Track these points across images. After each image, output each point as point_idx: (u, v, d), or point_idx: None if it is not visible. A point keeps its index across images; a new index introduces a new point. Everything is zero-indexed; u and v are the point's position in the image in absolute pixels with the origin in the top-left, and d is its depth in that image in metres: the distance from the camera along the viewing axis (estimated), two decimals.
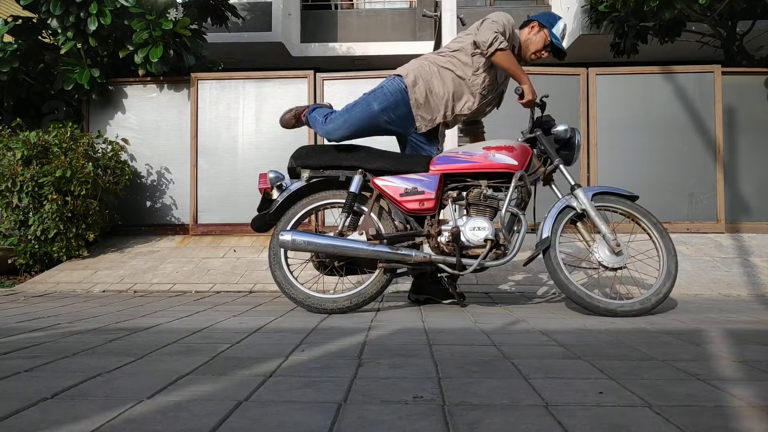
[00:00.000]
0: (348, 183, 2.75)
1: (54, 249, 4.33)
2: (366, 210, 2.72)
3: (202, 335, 2.04)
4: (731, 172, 4.92)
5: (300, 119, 3.02)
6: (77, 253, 4.47)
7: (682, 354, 1.71)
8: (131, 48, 4.95)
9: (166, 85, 5.27)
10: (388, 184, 2.70)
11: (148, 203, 5.24)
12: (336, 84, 5.16)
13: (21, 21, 5.42)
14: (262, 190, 2.79)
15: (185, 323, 2.35)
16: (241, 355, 1.69)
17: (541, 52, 2.89)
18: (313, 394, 1.27)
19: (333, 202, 2.80)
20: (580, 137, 2.78)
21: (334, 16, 11.14)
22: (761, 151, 4.94)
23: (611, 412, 1.15)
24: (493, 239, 2.57)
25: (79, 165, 4.28)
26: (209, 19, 6.29)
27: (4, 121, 5.17)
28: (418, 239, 2.69)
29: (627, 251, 2.60)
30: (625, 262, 2.59)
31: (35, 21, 5.44)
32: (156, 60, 4.81)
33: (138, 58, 4.87)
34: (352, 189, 2.71)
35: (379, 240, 2.64)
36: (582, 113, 4.96)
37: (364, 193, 2.77)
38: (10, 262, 4.34)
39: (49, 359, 1.63)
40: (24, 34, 5.37)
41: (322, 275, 2.80)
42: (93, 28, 4.73)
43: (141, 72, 4.99)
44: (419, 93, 2.79)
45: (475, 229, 2.58)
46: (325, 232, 2.76)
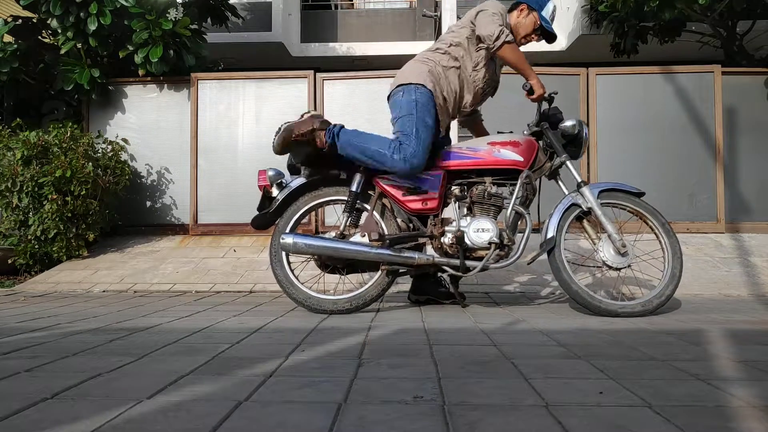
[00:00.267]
0: (350, 179, 2.70)
1: (54, 249, 4.33)
2: (369, 208, 2.67)
3: (202, 335, 2.04)
4: (731, 172, 4.92)
5: (316, 142, 2.60)
6: (77, 253, 4.47)
7: (682, 354, 1.71)
8: (131, 48, 4.95)
9: (166, 85, 5.27)
10: (391, 183, 2.66)
11: (148, 203, 5.24)
12: (336, 84, 5.16)
13: (21, 21, 5.43)
14: (261, 187, 2.75)
15: (185, 323, 2.35)
16: (241, 355, 1.69)
17: (531, 36, 2.80)
18: (313, 394, 1.27)
19: (335, 199, 2.76)
20: (587, 131, 2.73)
21: (334, 16, 11.14)
22: (761, 151, 4.94)
23: (611, 412, 1.15)
24: (497, 241, 2.54)
25: (79, 165, 4.28)
26: (209, 19, 6.30)
27: (4, 121, 5.17)
28: (421, 240, 2.66)
29: (632, 252, 2.57)
30: (630, 263, 2.56)
31: (35, 21, 5.45)
32: (156, 60, 4.81)
33: (138, 58, 4.87)
34: (353, 188, 2.66)
35: (382, 242, 2.61)
36: (582, 113, 4.95)
37: (368, 191, 2.73)
38: (10, 262, 4.34)
39: (49, 359, 1.63)
40: (24, 34, 5.38)
41: (324, 274, 2.79)
42: (93, 28, 4.74)
43: (141, 72, 4.99)
44: (440, 98, 2.71)
45: (479, 231, 2.56)
46: (326, 231, 2.75)
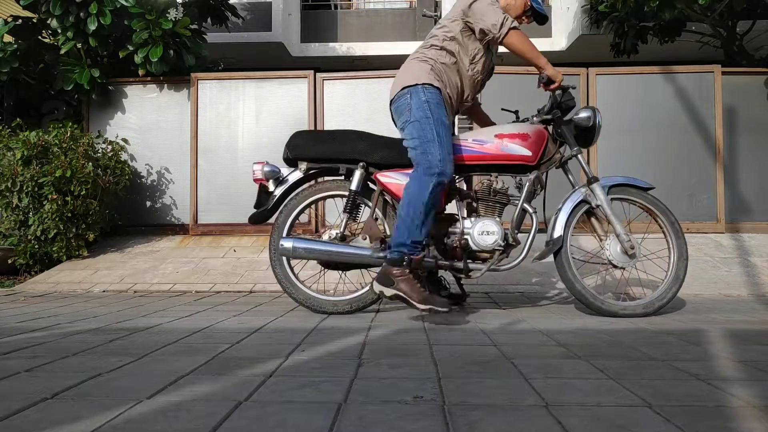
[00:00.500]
0: (349, 174, 2.62)
1: (54, 249, 4.33)
2: (371, 205, 2.59)
3: (202, 335, 2.04)
4: (731, 172, 4.92)
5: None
6: (77, 253, 4.47)
7: (682, 354, 1.71)
8: (131, 48, 4.95)
9: (166, 85, 5.27)
10: (393, 181, 2.55)
11: (148, 203, 5.24)
12: (336, 84, 5.16)
13: (21, 21, 5.43)
14: (257, 181, 2.69)
15: (185, 323, 2.35)
16: (241, 355, 1.69)
17: (522, 18, 2.66)
18: (313, 394, 1.27)
19: (334, 194, 2.69)
20: (600, 117, 2.60)
21: (334, 16, 11.13)
22: (761, 151, 4.94)
23: (611, 412, 1.15)
24: (501, 245, 2.48)
25: (79, 165, 4.28)
26: (209, 19, 6.29)
27: (4, 121, 5.17)
28: (424, 241, 2.57)
29: (640, 254, 2.52)
30: (635, 264, 2.53)
31: (35, 21, 5.45)
32: (156, 60, 4.81)
33: (138, 58, 4.87)
34: (353, 187, 2.58)
35: (383, 245, 2.53)
36: None
37: (370, 186, 2.64)
38: (10, 262, 4.34)
39: (49, 359, 1.63)
40: (24, 34, 5.38)
41: (324, 272, 2.78)
42: (93, 28, 4.74)
43: (141, 72, 4.99)
44: (446, 96, 2.62)
45: (484, 233, 2.49)
46: (326, 229, 2.71)
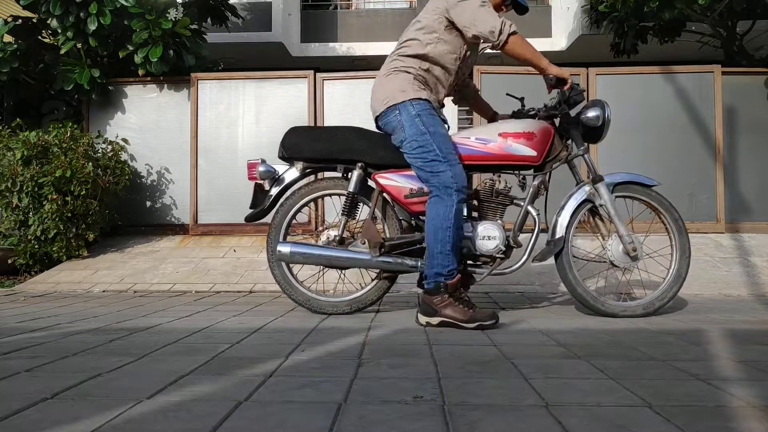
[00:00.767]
0: (347, 171, 2.59)
1: (54, 249, 4.33)
2: (370, 205, 2.57)
3: (202, 335, 2.04)
4: (731, 172, 4.92)
5: None
6: (77, 253, 4.47)
7: (682, 354, 1.71)
8: (131, 48, 4.95)
9: (166, 85, 5.27)
10: (392, 183, 2.51)
11: (148, 203, 5.24)
12: (336, 84, 5.16)
13: (21, 21, 5.43)
14: (253, 179, 2.65)
15: (185, 323, 2.35)
16: (241, 355, 1.69)
17: (501, 8, 2.56)
18: (313, 394, 1.27)
19: (331, 193, 2.67)
20: (610, 111, 2.52)
21: (333, 16, 11.13)
22: (761, 151, 4.94)
23: (611, 412, 1.15)
24: (503, 250, 2.45)
25: (79, 165, 4.28)
26: (209, 19, 6.29)
27: (4, 121, 5.17)
28: (425, 244, 2.51)
29: (642, 255, 2.49)
30: (637, 264, 2.52)
31: (35, 21, 5.45)
32: (156, 60, 4.81)
33: (138, 58, 4.86)
34: (350, 188, 2.54)
35: (382, 249, 2.49)
36: None
37: (369, 183, 2.60)
38: (10, 262, 4.34)
39: (49, 359, 1.63)
40: (24, 34, 5.38)
41: (324, 271, 2.77)
42: (93, 28, 4.73)
43: (141, 72, 4.99)
44: (436, 102, 2.57)
45: (485, 238, 2.44)
46: (324, 229, 2.70)
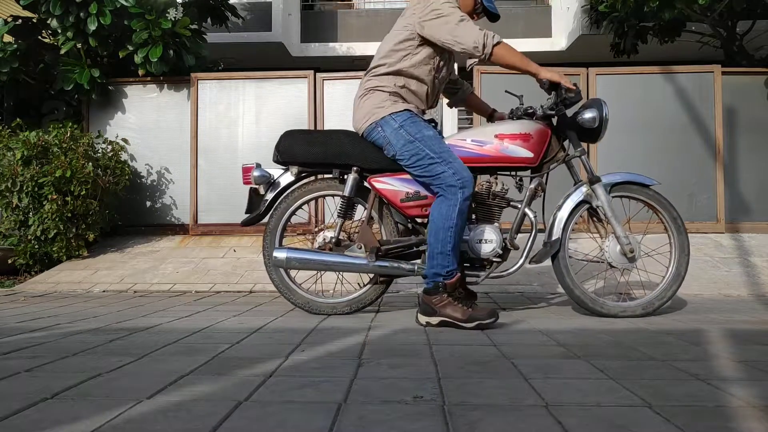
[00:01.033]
0: (342, 174, 2.58)
1: (54, 249, 4.33)
2: (366, 206, 2.57)
3: (202, 335, 2.04)
4: (731, 172, 4.92)
5: None
6: (77, 253, 4.47)
7: (682, 354, 1.71)
8: (131, 48, 4.94)
9: (166, 85, 5.27)
10: (388, 187, 2.50)
11: (148, 203, 5.24)
12: (336, 84, 5.16)
13: (21, 21, 5.43)
14: (248, 184, 2.64)
15: (185, 323, 2.35)
16: (241, 355, 1.69)
17: (472, 16, 2.51)
18: (313, 394, 1.27)
19: (327, 194, 2.67)
20: (607, 110, 2.46)
21: (334, 16, 11.13)
22: (761, 151, 4.94)
23: (611, 412, 1.15)
24: (500, 254, 2.44)
25: (79, 165, 4.28)
26: (209, 19, 6.29)
27: (4, 121, 5.17)
28: (421, 247, 2.53)
29: (640, 256, 2.48)
30: (635, 265, 2.51)
31: (35, 21, 5.45)
32: (156, 60, 4.81)
33: (138, 58, 4.86)
34: (346, 192, 2.54)
35: (378, 254, 2.49)
36: None
37: (365, 185, 2.58)
38: (10, 262, 4.34)
39: (49, 359, 1.63)
40: (24, 34, 5.38)
41: (322, 272, 2.77)
42: (93, 28, 4.73)
43: (141, 72, 4.99)
44: (417, 111, 2.55)
45: (482, 242, 2.44)
46: (321, 230, 2.71)
